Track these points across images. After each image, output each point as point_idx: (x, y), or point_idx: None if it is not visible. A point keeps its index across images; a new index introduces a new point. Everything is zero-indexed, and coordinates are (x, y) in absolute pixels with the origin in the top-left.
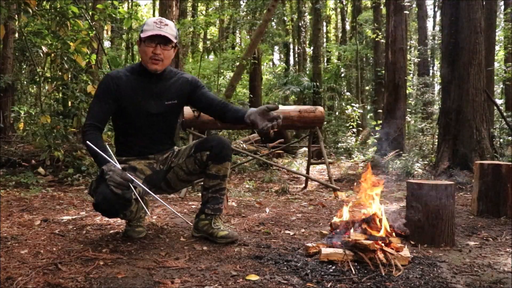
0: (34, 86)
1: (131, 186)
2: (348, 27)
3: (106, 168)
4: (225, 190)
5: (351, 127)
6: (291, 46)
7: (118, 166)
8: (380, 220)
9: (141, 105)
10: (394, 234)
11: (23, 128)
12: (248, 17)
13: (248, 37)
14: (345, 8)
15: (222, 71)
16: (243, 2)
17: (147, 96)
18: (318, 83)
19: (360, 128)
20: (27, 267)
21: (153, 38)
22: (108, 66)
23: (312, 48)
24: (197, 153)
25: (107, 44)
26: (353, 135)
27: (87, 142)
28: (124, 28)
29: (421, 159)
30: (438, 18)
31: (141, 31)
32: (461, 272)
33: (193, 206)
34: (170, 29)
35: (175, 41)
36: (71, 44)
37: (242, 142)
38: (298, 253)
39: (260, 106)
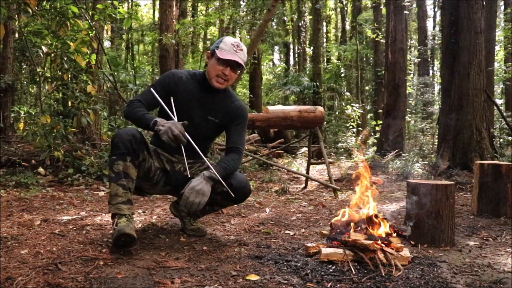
0: (34, 86)
1: (182, 146)
2: (348, 27)
3: (160, 120)
4: (213, 212)
5: (351, 127)
6: (291, 46)
7: (175, 118)
8: (380, 220)
9: (187, 109)
10: (394, 234)
11: (23, 128)
12: (248, 17)
13: (248, 37)
14: (345, 8)
15: None
16: (243, 2)
17: (196, 104)
18: (318, 83)
19: (360, 128)
20: (27, 267)
21: (228, 61)
22: (108, 66)
23: (312, 48)
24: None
25: (107, 44)
26: (353, 135)
27: (152, 89)
28: (124, 28)
29: (421, 159)
30: (438, 18)
31: (217, 47)
32: (461, 272)
33: None
34: (243, 55)
35: (244, 66)
36: (71, 44)
37: None
38: (298, 253)
39: (261, 107)
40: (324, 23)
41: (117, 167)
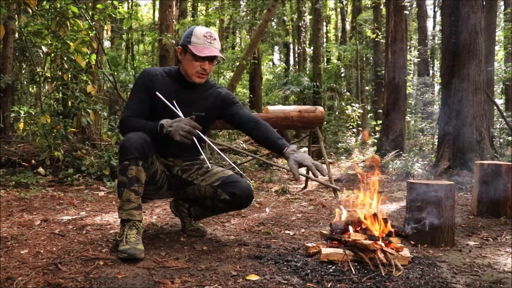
0: (34, 86)
1: (194, 139)
2: (348, 27)
3: (166, 122)
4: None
5: (351, 127)
6: (291, 46)
7: (182, 116)
8: (381, 220)
9: (169, 109)
10: (394, 234)
11: (23, 128)
12: (248, 17)
13: (248, 37)
14: (345, 8)
15: (222, 71)
16: (243, 2)
17: (177, 102)
18: (318, 83)
19: (360, 128)
20: (27, 267)
21: (205, 57)
22: (108, 66)
23: (312, 48)
24: (219, 188)
25: (107, 44)
26: (353, 135)
27: (157, 93)
28: (124, 28)
29: (421, 159)
30: (438, 18)
31: (189, 42)
32: (461, 272)
33: None
34: (217, 43)
35: (222, 56)
36: (71, 44)
37: (242, 142)
38: (298, 253)
39: (261, 107)
40: (324, 23)
41: (130, 172)
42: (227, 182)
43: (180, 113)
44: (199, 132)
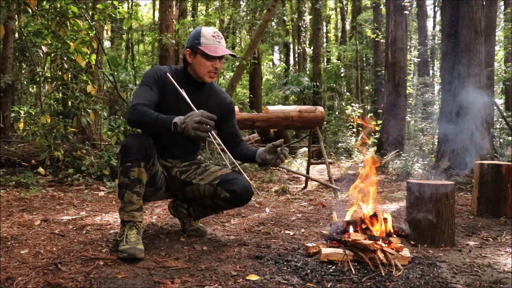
0: (34, 86)
1: (210, 134)
2: (348, 27)
3: (179, 120)
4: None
5: (351, 127)
6: (291, 46)
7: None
8: (381, 220)
9: (174, 108)
10: (394, 234)
11: (23, 128)
12: (248, 17)
13: (248, 37)
14: (345, 8)
15: (222, 71)
16: (243, 2)
17: (183, 101)
18: (318, 83)
19: (360, 128)
20: (27, 267)
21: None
22: (108, 66)
23: (312, 48)
24: (219, 187)
25: (107, 44)
26: (353, 135)
27: (168, 75)
28: (124, 28)
29: (421, 159)
30: (438, 18)
31: (198, 43)
32: (461, 272)
33: None
34: (224, 41)
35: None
36: (71, 44)
37: None
38: (298, 253)
39: (261, 107)
40: (324, 23)
41: (133, 174)
42: (226, 180)
43: (194, 107)
44: (214, 134)
